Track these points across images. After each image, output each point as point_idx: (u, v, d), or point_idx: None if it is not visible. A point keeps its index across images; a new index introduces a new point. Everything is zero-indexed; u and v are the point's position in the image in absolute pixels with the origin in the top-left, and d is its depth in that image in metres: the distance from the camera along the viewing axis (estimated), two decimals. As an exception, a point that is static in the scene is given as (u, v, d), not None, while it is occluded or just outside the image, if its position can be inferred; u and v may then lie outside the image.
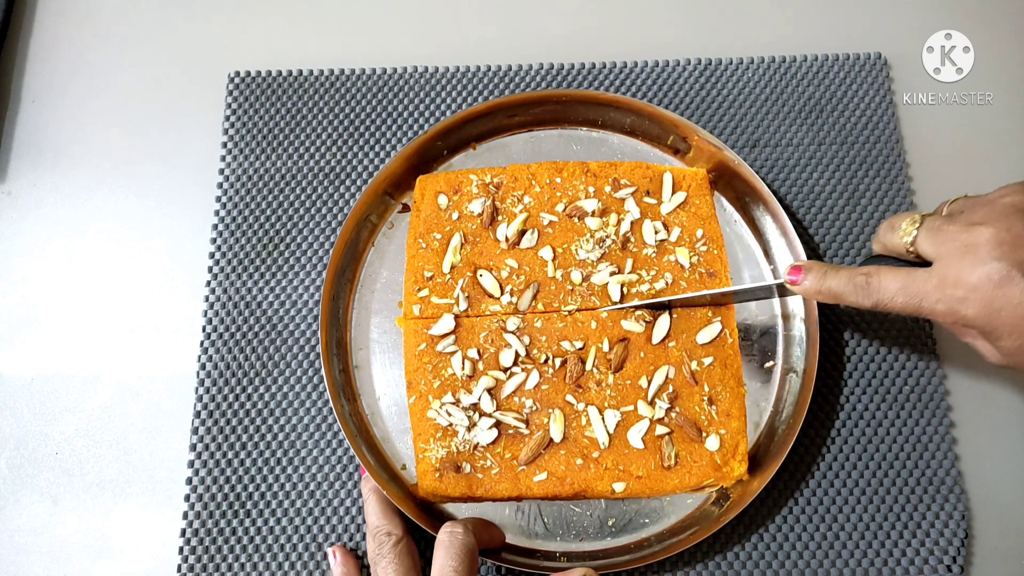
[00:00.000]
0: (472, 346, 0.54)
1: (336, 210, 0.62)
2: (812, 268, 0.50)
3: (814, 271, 0.49)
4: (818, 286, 0.49)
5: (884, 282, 0.46)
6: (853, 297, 0.48)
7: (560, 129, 0.63)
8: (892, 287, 0.46)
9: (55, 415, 0.58)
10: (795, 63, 0.65)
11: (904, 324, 0.58)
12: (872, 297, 0.47)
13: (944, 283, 0.44)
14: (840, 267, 0.49)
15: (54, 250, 0.62)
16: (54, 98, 0.66)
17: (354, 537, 0.54)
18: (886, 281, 0.46)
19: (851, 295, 0.48)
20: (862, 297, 0.47)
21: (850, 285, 0.47)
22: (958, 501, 0.54)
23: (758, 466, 0.53)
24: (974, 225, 0.43)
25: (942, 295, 0.44)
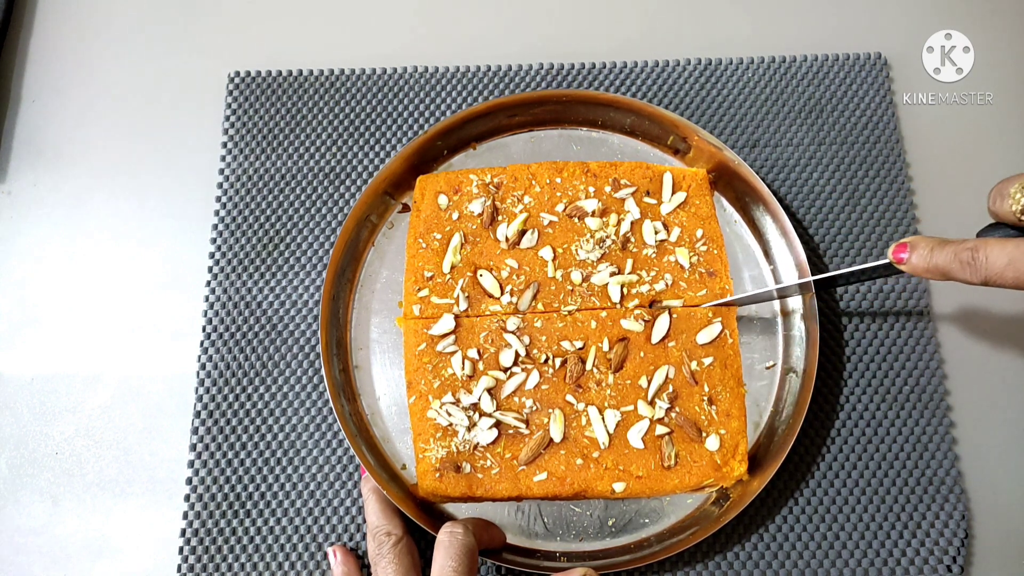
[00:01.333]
0: (472, 346, 0.54)
1: (336, 210, 0.62)
2: (918, 244, 0.46)
3: (920, 247, 0.46)
4: (925, 263, 0.45)
5: (992, 256, 0.43)
6: (961, 274, 0.44)
7: (560, 129, 0.63)
8: (1000, 261, 0.42)
9: (55, 415, 0.58)
10: (795, 63, 0.65)
11: (904, 324, 0.59)
12: (980, 273, 0.43)
13: None
14: (947, 241, 0.45)
15: (54, 250, 0.62)
16: (54, 98, 0.66)
17: (354, 537, 0.54)
18: (993, 255, 0.43)
19: (958, 271, 0.44)
20: (969, 273, 0.44)
21: (956, 261, 0.44)
22: (958, 501, 0.54)
23: (758, 466, 0.53)
24: None
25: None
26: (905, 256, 0.47)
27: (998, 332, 0.59)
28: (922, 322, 0.58)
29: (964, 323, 0.59)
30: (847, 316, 0.59)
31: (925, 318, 0.58)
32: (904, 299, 0.59)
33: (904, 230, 0.61)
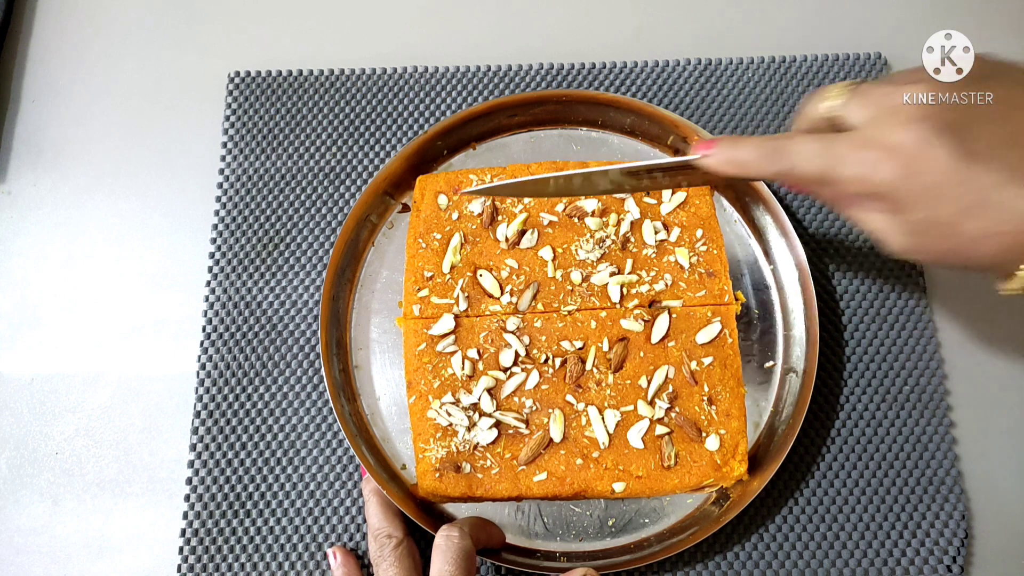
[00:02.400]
0: (472, 346, 0.54)
1: (336, 210, 0.62)
2: (722, 140, 0.45)
3: (724, 141, 0.44)
4: (728, 155, 0.44)
5: (799, 145, 0.42)
6: (763, 164, 0.43)
7: (560, 129, 0.63)
8: (807, 150, 0.41)
9: (55, 415, 0.58)
10: (795, 63, 0.65)
11: (905, 324, 0.59)
12: (785, 161, 0.42)
13: (865, 143, 0.40)
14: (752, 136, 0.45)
15: (54, 250, 0.62)
16: (54, 98, 0.66)
17: (354, 537, 0.54)
18: (800, 144, 0.42)
19: (761, 162, 0.43)
20: (773, 162, 0.42)
21: (761, 150, 0.43)
22: (958, 501, 0.54)
23: (758, 466, 0.53)
24: (904, 84, 0.40)
25: (860, 157, 0.40)
26: (710, 151, 0.45)
27: (998, 332, 0.59)
28: (922, 322, 0.58)
29: (964, 323, 0.59)
30: (847, 316, 0.59)
31: (925, 318, 0.58)
32: (904, 299, 0.59)
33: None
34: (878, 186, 0.40)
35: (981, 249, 0.39)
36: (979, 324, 0.59)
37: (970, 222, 0.38)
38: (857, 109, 0.42)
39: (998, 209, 0.37)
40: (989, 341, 0.59)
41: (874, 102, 0.41)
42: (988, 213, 0.38)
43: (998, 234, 0.38)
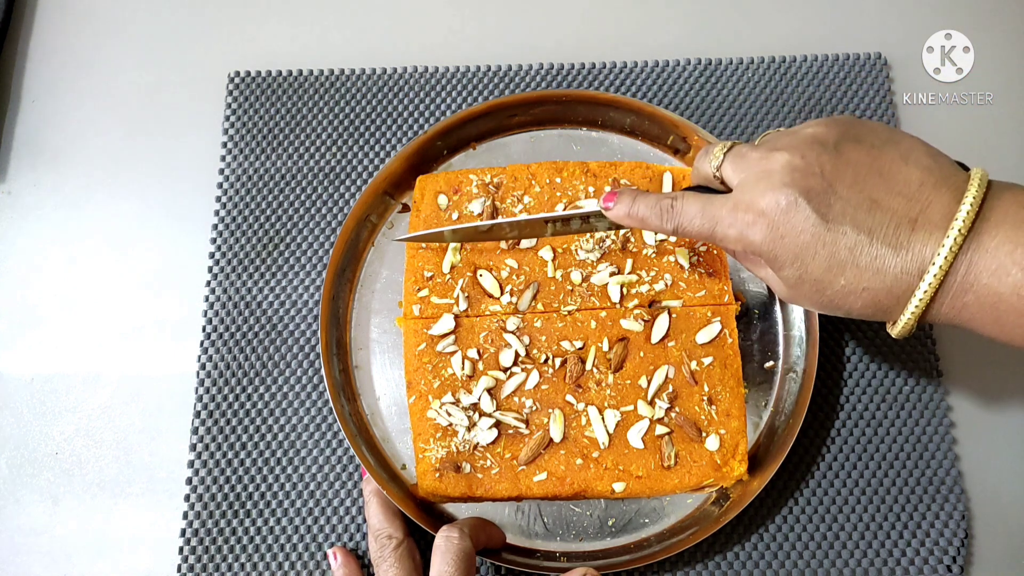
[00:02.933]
0: (472, 346, 0.54)
1: (336, 210, 0.62)
2: (625, 193, 0.49)
3: (626, 195, 0.48)
4: (627, 210, 0.48)
5: (686, 206, 0.45)
6: (656, 221, 0.47)
7: (560, 129, 0.63)
8: (692, 210, 0.45)
9: (55, 415, 0.58)
10: (795, 63, 0.65)
11: (904, 324, 0.59)
12: (674, 221, 0.46)
13: (737, 207, 0.43)
14: (651, 192, 0.48)
15: (54, 250, 0.62)
16: (54, 98, 0.66)
17: (354, 537, 0.54)
18: (688, 204, 0.45)
19: (655, 219, 0.47)
20: (664, 221, 0.46)
21: (656, 209, 0.46)
22: (958, 501, 0.54)
23: (758, 466, 0.53)
24: (774, 151, 0.43)
25: (734, 219, 0.43)
26: (612, 205, 0.49)
27: (998, 332, 0.59)
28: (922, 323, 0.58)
29: (964, 323, 0.59)
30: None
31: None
32: (904, 299, 0.59)
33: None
34: (751, 247, 0.43)
35: (853, 303, 0.42)
36: (979, 324, 0.59)
37: (838, 279, 0.41)
38: (733, 172, 0.45)
39: (859, 269, 0.40)
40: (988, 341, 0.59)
41: (747, 166, 0.44)
42: (851, 272, 0.40)
43: (864, 291, 0.41)
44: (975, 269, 0.38)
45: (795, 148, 0.42)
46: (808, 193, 0.40)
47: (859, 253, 0.40)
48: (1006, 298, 0.38)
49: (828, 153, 0.41)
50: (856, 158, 0.41)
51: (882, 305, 0.41)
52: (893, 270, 0.40)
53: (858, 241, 0.40)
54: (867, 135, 0.42)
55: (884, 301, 0.41)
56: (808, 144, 0.42)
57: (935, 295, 0.39)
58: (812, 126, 0.44)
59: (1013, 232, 0.38)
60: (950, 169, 0.41)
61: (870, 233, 0.40)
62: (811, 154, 0.41)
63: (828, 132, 0.43)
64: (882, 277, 0.40)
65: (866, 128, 0.43)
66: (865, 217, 0.40)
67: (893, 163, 0.41)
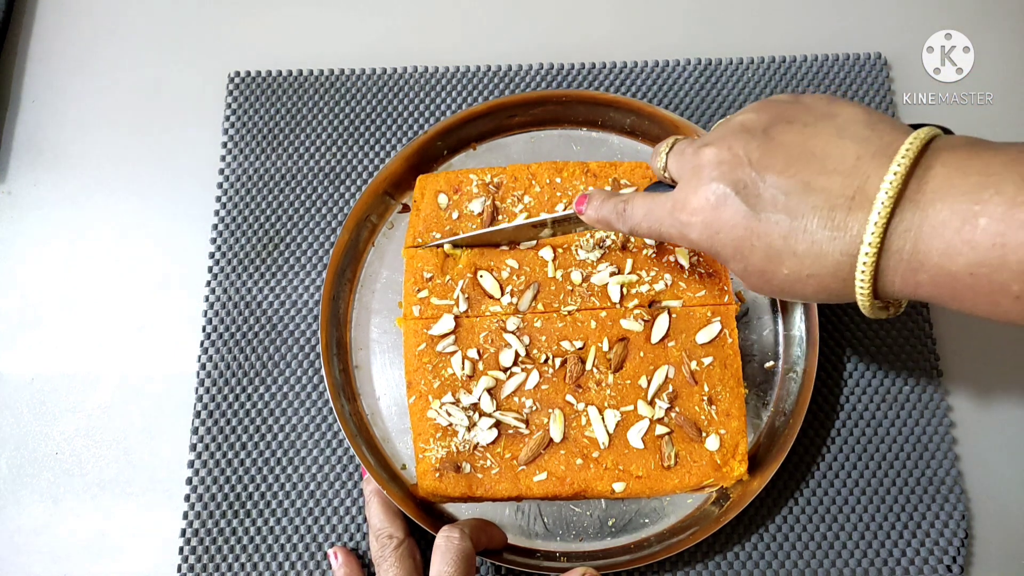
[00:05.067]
0: (472, 346, 0.54)
1: (336, 210, 0.62)
2: (594, 196, 0.49)
3: (595, 198, 0.48)
4: (596, 214, 0.48)
5: (635, 207, 0.45)
6: (616, 224, 0.47)
7: (560, 129, 0.63)
8: (639, 213, 0.45)
9: (55, 415, 0.58)
10: (795, 63, 0.65)
11: (904, 324, 0.59)
12: (627, 223, 0.46)
13: (675, 207, 0.42)
14: (614, 194, 0.48)
15: (54, 250, 0.62)
16: (54, 98, 0.66)
17: (354, 537, 0.54)
18: (635, 207, 0.45)
19: (615, 221, 0.47)
20: (621, 223, 0.46)
21: (614, 212, 0.46)
22: (958, 501, 0.54)
23: (758, 466, 0.53)
24: (703, 146, 0.41)
25: (673, 220, 0.42)
26: (584, 207, 0.50)
27: (998, 332, 0.59)
28: (921, 322, 0.58)
29: (963, 322, 0.59)
30: (847, 316, 0.59)
31: (924, 318, 0.58)
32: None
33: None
34: (693, 246, 0.43)
35: (803, 290, 0.40)
36: (978, 324, 0.59)
37: (780, 269, 0.39)
38: (673, 169, 0.45)
39: (797, 256, 0.38)
40: (988, 341, 0.59)
41: (682, 163, 0.43)
42: (791, 261, 0.38)
43: (809, 277, 0.38)
44: (923, 248, 0.35)
45: (723, 140, 0.41)
46: (736, 185, 0.39)
47: (795, 240, 0.38)
48: (961, 278, 0.35)
49: (756, 140, 0.39)
50: (787, 140, 0.39)
51: (832, 290, 0.39)
52: (833, 254, 0.37)
53: (792, 228, 0.37)
54: (800, 114, 0.40)
55: (832, 285, 0.38)
56: (736, 134, 0.40)
57: (877, 276, 0.37)
58: (744, 113, 0.42)
59: (959, 203, 0.34)
60: (892, 136, 0.37)
61: (804, 218, 0.37)
62: (738, 144, 0.40)
63: (758, 118, 0.40)
64: (823, 262, 0.37)
65: (800, 107, 0.40)
66: (797, 202, 0.37)
67: (827, 140, 0.38)
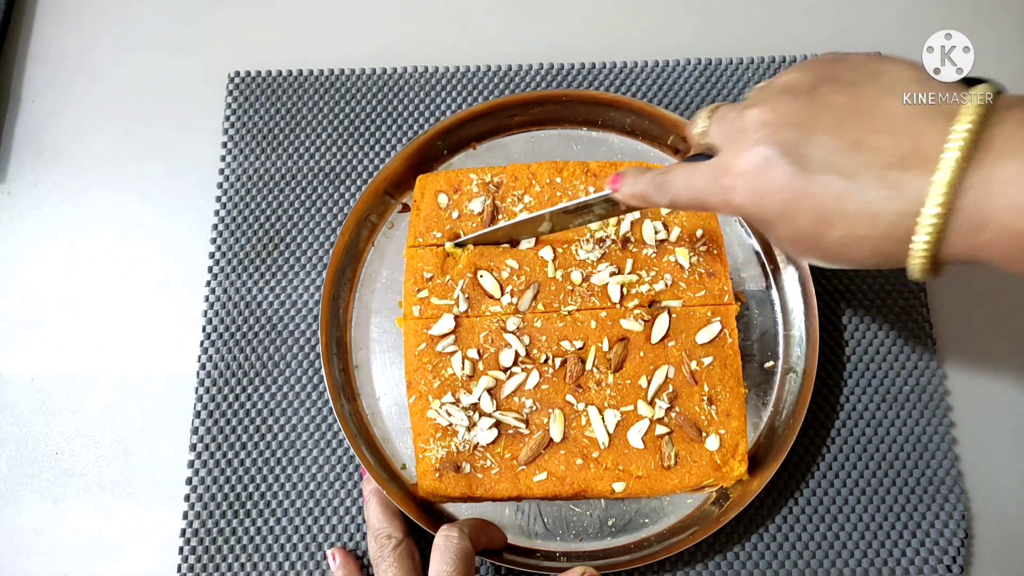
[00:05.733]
0: (472, 346, 0.54)
1: (336, 210, 0.62)
2: (628, 173, 0.47)
3: (629, 175, 0.47)
4: (631, 190, 0.47)
5: (674, 179, 0.44)
6: (655, 197, 0.45)
7: (560, 129, 0.63)
8: (678, 183, 0.43)
9: (55, 415, 0.58)
10: (795, 63, 0.65)
11: (904, 324, 0.59)
12: (667, 195, 0.44)
13: (717, 173, 0.41)
14: (649, 169, 0.47)
15: (54, 250, 0.62)
16: (54, 98, 0.66)
17: (354, 537, 0.54)
18: (675, 177, 0.44)
19: (653, 195, 0.45)
20: (660, 196, 0.45)
21: (651, 185, 0.45)
22: (958, 501, 0.54)
23: (758, 466, 0.53)
24: (746, 108, 0.40)
25: (716, 186, 0.41)
26: (618, 185, 0.48)
27: (998, 332, 0.59)
28: (922, 322, 0.58)
29: (963, 323, 0.59)
30: (847, 316, 0.59)
31: (924, 318, 0.58)
32: (904, 298, 0.59)
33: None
34: (737, 212, 0.41)
35: (854, 254, 0.38)
36: (979, 324, 0.59)
37: (831, 232, 0.37)
38: (715, 135, 0.43)
39: (849, 218, 0.36)
40: (989, 341, 0.59)
41: (725, 127, 0.42)
42: (842, 223, 0.37)
43: (862, 239, 0.37)
44: (988, 206, 0.33)
45: (766, 101, 0.39)
46: (783, 146, 0.37)
47: (847, 201, 0.36)
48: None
49: (802, 100, 0.38)
50: (834, 100, 0.38)
51: (885, 252, 0.37)
52: (887, 214, 0.35)
53: (844, 188, 0.36)
54: (845, 73, 0.39)
55: (886, 248, 0.37)
56: (780, 94, 0.39)
57: (940, 236, 0.35)
58: (787, 73, 0.41)
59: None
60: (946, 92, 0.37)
61: (856, 177, 0.36)
62: (782, 105, 0.38)
63: (802, 77, 0.39)
64: (876, 223, 0.36)
65: (845, 65, 0.39)
66: (848, 161, 0.36)
67: (876, 97, 0.37)
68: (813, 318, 0.55)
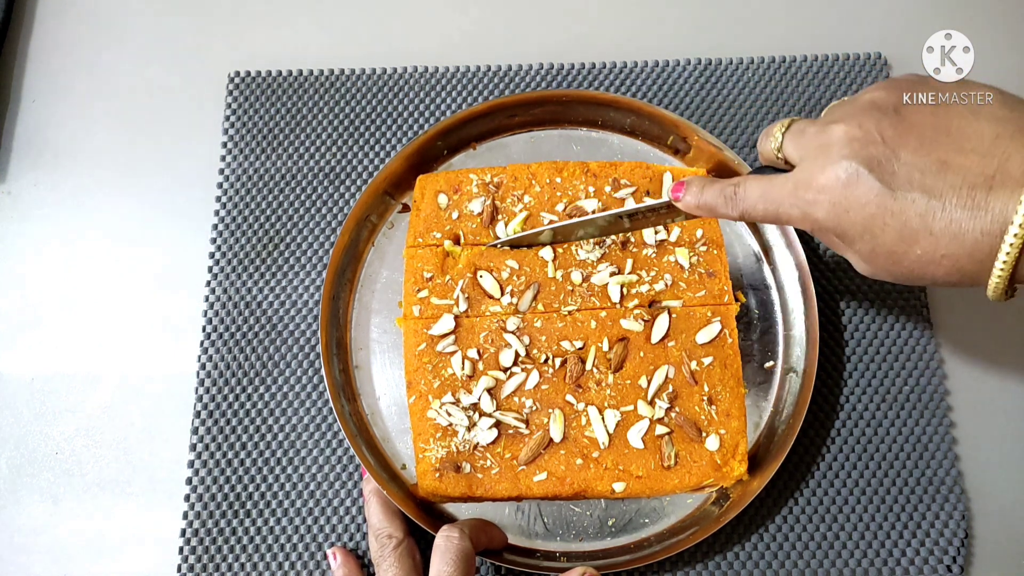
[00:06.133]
0: (472, 346, 0.54)
1: (336, 210, 0.62)
2: (692, 183, 0.48)
3: (694, 185, 0.48)
4: (696, 200, 0.47)
5: (748, 191, 0.45)
6: (724, 209, 0.46)
7: (560, 129, 0.63)
8: (754, 195, 0.44)
9: (55, 415, 0.58)
10: (795, 63, 0.65)
11: (905, 324, 0.59)
12: (738, 207, 0.45)
13: (798, 186, 0.42)
14: (717, 180, 0.47)
15: (54, 250, 0.62)
16: (54, 98, 0.66)
17: (354, 537, 0.54)
18: (749, 189, 0.44)
19: (722, 207, 0.46)
20: (730, 208, 0.46)
21: (721, 197, 0.46)
22: (958, 501, 0.54)
23: (758, 466, 0.53)
24: (830, 124, 0.41)
25: (796, 199, 0.42)
26: (681, 195, 0.48)
27: (998, 332, 0.59)
28: (922, 322, 0.58)
29: (964, 323, 0.59)
30: (847, 316, 0.59)
31: (925, 318, 0.58)
32: (904, 299, 0.59)
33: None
34: (816, 225, 0.42)
35: (934, 272, 0.39)
36: (979, 324, 0.59)
37: (913, 249, 0.39)
38: (792, 149, 0.44)
39: (933, 236, 0.38)
40: (989, 341, 0.59)
41: (806, 142, 0.43)
42: (926, 240, 0.38)
43: (943, 258, 0.38)
44: None
45: (852, 117, 0.41)
46: (870, 162, 0.39)
47: (932, 219, 0.37)
48: None
49: (888, 118, 0.40)
50: (919, 119, 0.39)
51: (966, 271, 0.38)
52: (972, 233, 0.37)
53: (929, 207, 0.37)
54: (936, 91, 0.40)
55: (967, 266, 0.38)
56: (866, 111, 0.40)
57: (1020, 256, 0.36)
58: (870, 91, 0.42)
59: None
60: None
61: (942, 197, 0.37)
62: (869, 121, 0.40)
63: (887, 96, 0.41)
64: (960, 242, 0.37)
65: (929, 86, 0.41)
66: (935, 181, 0.37)
67: (961, 119, 0.38)
68: (813, 318, 0.55)
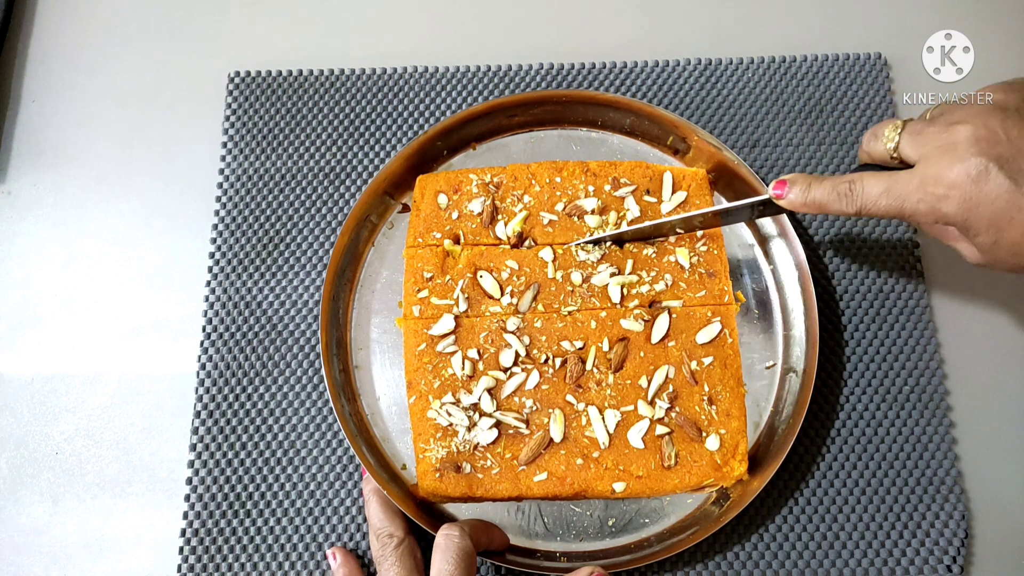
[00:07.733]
0: (472, 346, 0.54)
1: (336, 210, 0.62)
2: (797, 180, 0.49)
3: (799, 183, 0.49)
4: (803, 198, 0.49)
5: (868, 186, 0.46)
6: (837, 205, 0.48)
7: (560, 129, 0.63)
8: (875, 190, 0.46)
9: (55, 415, 0.58)
10: (795, 63, 0.65)
11: (905, 324, 0.59)
12: (856, 203, 0.47)
13: (925, 182, 0.44)
14: (824, 177, 0.49)
15: (54, 250, 0.62)
16: (54, 98, 0.66)
17: (354, 537, 0.54)
18: (869, 185, 0.46)
19: (835, 203, 0.48)
20: (846, 204, 0.47)
21: (834, 193, 0.48)
22: (958, 501, 0.54)
23: (758, 466, 0.53)
24: (954, 124, 0.44)
25: (923, 194, 0.44)
26: (783, 192, 0.49)
27: (998, 332, 0.59)
28: (922, 322, 0.58)
29: (964, 323, 0.59)
30: (847, 316, 0.59)
31: (925, 318, 0.58)
32: (904, 299, 0.59)
33: (904, 230, 0.61)
34: (944, 219, 0.44)
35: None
36: (979, 324, 0.59)
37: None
38: (912, 148, 0.46)
39: None
40: (989, 341, 0.59)
41: (927, 141, 0.45)
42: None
43: None
44: None
45: (976, 118, 0.43)
46: (999, 160, 0.41)
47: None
48: None
49: (1012, 118, 0.42)
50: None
51: None
52: None
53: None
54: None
55: None
56: (989, 112, 0.43)
57: None
58: (987, 93, 0.45)
59: None
60: None
61: None
62: (994, 121, 0.42)
63: (1008, 97, 0.43)
64: None
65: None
66: None
67: None
68: (813, 318, 0.55)
